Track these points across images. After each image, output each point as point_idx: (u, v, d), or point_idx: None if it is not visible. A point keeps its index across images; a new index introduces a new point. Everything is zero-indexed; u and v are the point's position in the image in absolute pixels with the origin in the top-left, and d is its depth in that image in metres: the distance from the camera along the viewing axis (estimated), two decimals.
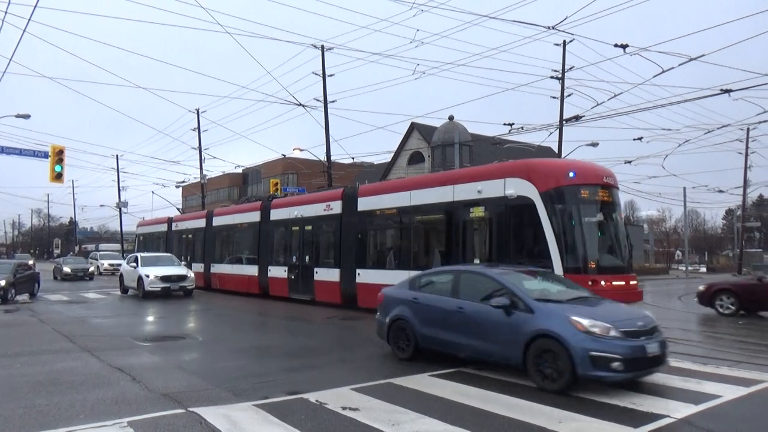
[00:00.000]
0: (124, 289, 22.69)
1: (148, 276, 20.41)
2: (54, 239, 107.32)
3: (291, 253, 19.61)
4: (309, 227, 18.73)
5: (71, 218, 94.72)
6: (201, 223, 26.51)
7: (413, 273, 10.90)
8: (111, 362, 8.79)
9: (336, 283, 17.04)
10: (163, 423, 5.67)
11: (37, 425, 5.66)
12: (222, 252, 24.71)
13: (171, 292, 20.65)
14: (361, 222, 16.36)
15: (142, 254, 22.67)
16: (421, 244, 14.61)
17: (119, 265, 39.91)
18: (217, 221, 24.95)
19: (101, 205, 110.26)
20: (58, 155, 21.22)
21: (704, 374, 7.83)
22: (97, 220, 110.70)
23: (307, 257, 18.75)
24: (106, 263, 41.15)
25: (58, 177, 21.34)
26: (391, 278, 12.53)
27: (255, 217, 21.83)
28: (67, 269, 35.22)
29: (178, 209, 44.86)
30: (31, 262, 44.10)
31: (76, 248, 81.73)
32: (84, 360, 9.09)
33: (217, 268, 24.40)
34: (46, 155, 21.81)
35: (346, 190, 17.72)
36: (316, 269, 18.04)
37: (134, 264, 21.67)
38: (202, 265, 25.35)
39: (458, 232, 13.07)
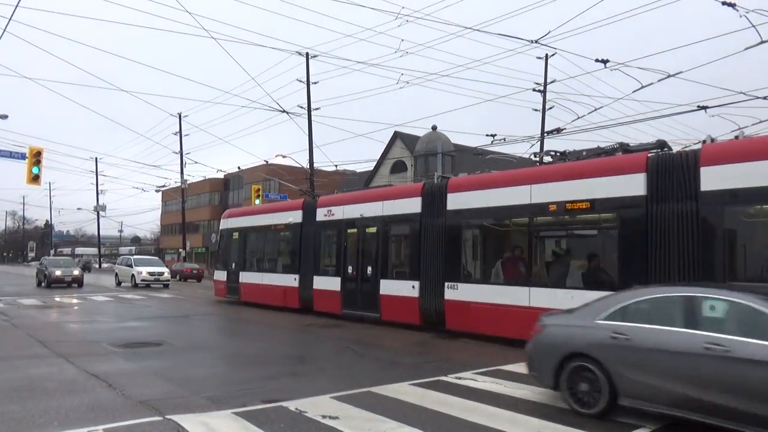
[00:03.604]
0: None
1: None
2: (29, 242, 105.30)
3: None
4: None
5: (47, 221, 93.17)
6: (408, 205, 14.17)
7: None
8: (87, 368, 8.64)
9: None
10: (139, 431, 5.60)
11: None
12: (475, 260, 13.41)
13: None
14: None
15: None
16: None
17: (161, 273, 31.05)
18: (463, 200, 12.83)
19: (79, 209, 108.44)
20: (36, 157, 20.89)
21: None
22: (74, 224, 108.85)
23: None
24: (144, 272, 30.95)
25: (35, 179, 20.98)
26: None
27: (620, 186, 10.08)
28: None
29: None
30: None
31: (52, 252, 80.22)
32: (59, 366, 8.92)
33: (471, 292, 12.39)
34: (23, 156, 21.48)
35: None
36: None
37: None
38: (415, 283, 13.60)
39: None
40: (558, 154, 12.78)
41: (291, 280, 18.00)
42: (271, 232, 19.95)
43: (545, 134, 25.46)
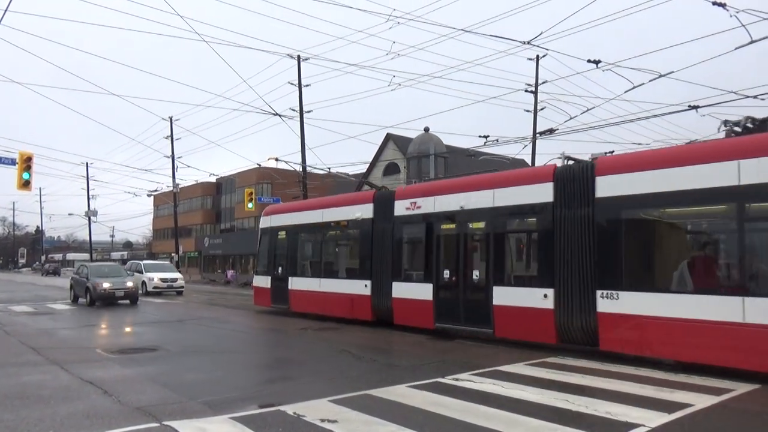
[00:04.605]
0: None
1: None
2: (19, 248, 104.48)
3: None
4: None
5: (38, 227, 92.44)
6: (534, 193, 11.51)
7: None
8: (81, 375, 8.56)
9: None
10: None
11: None
12: (644, 261, 10.37)
13: None
14: None
15: None
16: None
17: (175, 280, 29.54)
18: (622, 185, 10.00)
19: (70, 214, 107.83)
20: (26, 162, 20.67)
21: (676, 383, 7.98)
22: (65, 229, 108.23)
23: None
24: (156, 278, 29.14)
25: (25, 185, 20.74)
26: None
27: None
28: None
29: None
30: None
31: (43, 258, 79.64)
32: (53, 373, 8.84)
33: (641, 303, 9.55)
34: (13, 162, 21.23)
35: None
36: None
37: None
38: (548, 291, 10.96)
39: None
40: (759, 122, 9.35)
41: (360, 287, 15.01)
42: (331, 231, 17.02)
43: (537, 135, 25.55)
